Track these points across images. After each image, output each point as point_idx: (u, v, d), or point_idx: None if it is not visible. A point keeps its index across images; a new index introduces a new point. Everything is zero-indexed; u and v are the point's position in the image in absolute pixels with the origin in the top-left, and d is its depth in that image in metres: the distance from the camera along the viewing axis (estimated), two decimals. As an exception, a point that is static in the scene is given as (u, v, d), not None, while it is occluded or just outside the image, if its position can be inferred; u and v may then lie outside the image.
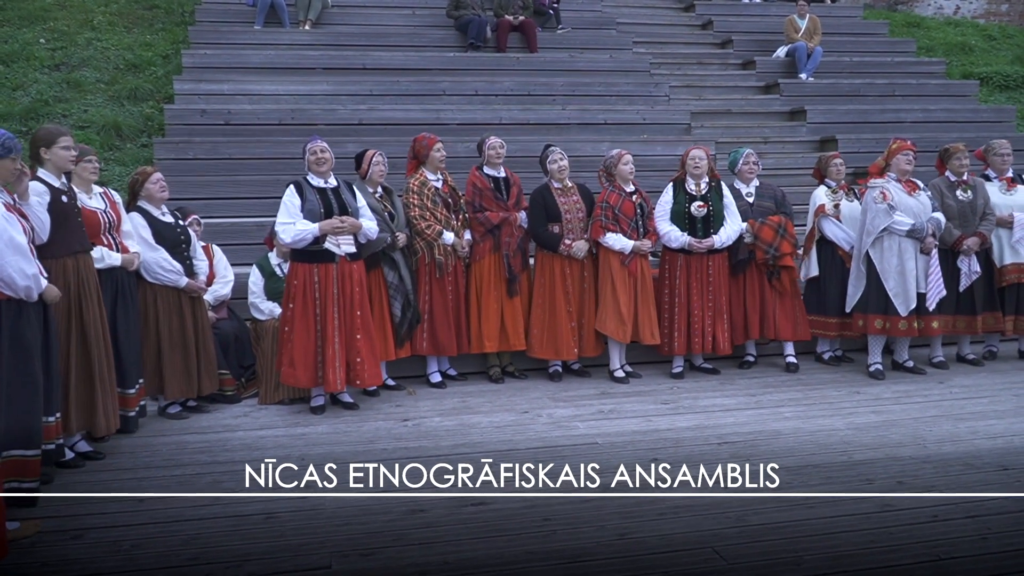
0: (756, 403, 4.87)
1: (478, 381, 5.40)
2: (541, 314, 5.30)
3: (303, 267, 4.49)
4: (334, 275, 4.49)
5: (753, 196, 5.46)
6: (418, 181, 5.17)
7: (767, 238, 5.33)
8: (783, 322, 5.39)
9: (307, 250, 4.48)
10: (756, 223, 5.37)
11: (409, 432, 4.37)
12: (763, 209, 5.44)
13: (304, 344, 4.47)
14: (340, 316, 4.50)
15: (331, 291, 4.47)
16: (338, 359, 4.49)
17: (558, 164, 5.23)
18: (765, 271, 5.40)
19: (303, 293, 4.47)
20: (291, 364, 4.49)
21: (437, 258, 5.10)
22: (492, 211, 5.23)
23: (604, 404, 4.82)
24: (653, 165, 7.74)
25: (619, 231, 5.14)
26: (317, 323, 4.47)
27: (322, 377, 4.51)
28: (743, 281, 5.47)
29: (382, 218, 4.95)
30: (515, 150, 6.69)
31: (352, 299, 4.53)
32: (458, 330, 5.23)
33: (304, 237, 4.42)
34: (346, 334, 4.52)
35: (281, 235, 4.49)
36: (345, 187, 4.69)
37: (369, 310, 4.69)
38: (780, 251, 5.31)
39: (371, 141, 7.25)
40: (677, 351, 5.37)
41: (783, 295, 5.40)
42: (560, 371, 5.47)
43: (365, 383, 4.63)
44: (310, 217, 4.46)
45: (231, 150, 7.39)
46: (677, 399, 4.95)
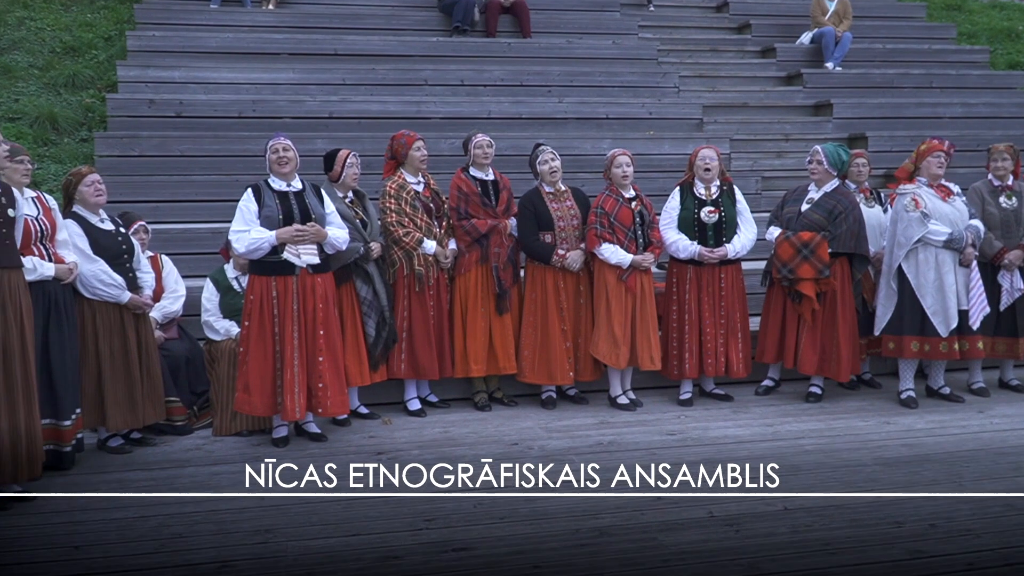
0: (773, 434, 4.91)
1: (462, 409, 5.43)
2: (532, 334, 5.35)
3: (260, 280, 4.52)
4: (294, 289, 4.51)
5: (811, 204, 5.36)
6: (396, 184, 5.21)
7: (783, 256, 5.31)
8: (807, 354, 5.35)
9: (264, 261, 4.51)
10: (781, 235, 5.38)
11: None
12: (807, 222, 5.34)
13: (261, 367, 4.50)
14: (300, 335, 4.52)
15: (290, 307, 4.50)
16: (297, 384, 4.51)
17: (549, 165, 5.28)
18: (787, 292, 5.40)
19: (260, 309, 4.50)
20: (246, 389, 4.51)
21: (417, 270, 5.14)
22: (479, 218, 5.27)
23: (603, 435, 4.86)
24: (660, 165, 7.83)
25: (615, 241, 5.19)
26: (275, 343, 4.50)
27: (280, 404, 4.52)
28: (771, 296, 5.53)
29: (353, 226, 5.00)
30: (505, 148, 6.77)
31: (314, 316, 4.55)
32: (440, 351, 5.26)
33: (260, 246, 4.45)
34: (307, 356, 4.54)
35: (235, 244, 4.53)
36: (311, 191, 4.72)
37: (337, 329, 4.73)
38: (796, 275, 5.26)
39: (343, 138, 7.33)
40: (688, 374, 5.43)
41: (814, 322, 5.35)
42: (554, 397, 5.51)
43: (328, 411, 4.65)
44: (267, 224, 4.49)
45: (183, 146, 7.43)
46: (685, 429, 4.98)
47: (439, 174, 5.85)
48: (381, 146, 5.55)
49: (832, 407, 5.45)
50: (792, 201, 5.50)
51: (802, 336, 5.37)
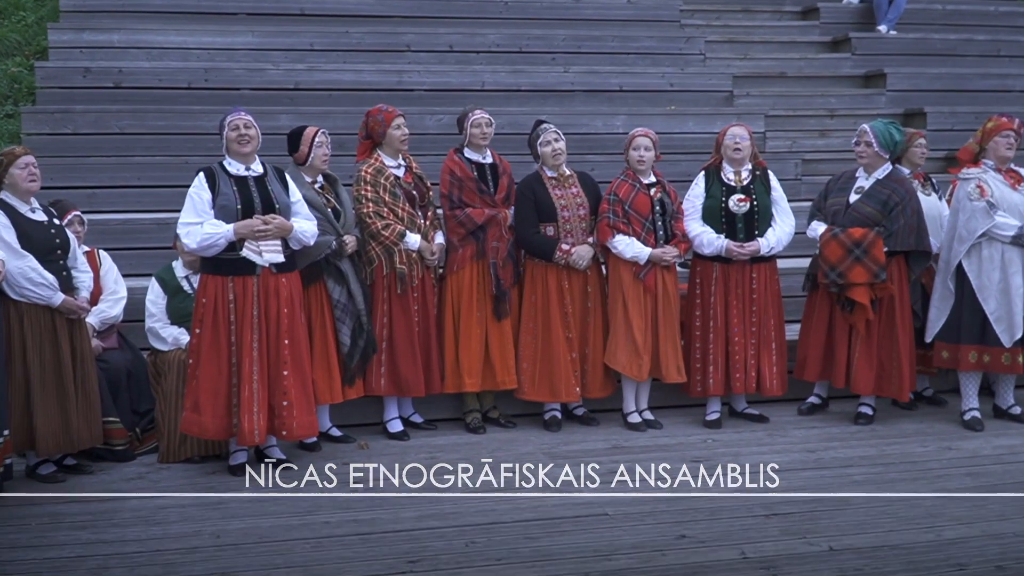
0: (816, 461, 4.89)
1: (452, 431, 5.43)
2: (532, 343, 5.35)
3: (214, 281, 4.52)
4: (254, 291, 4.51)
5: (861, 194, 5.32)
6: (372, 167, 5.20)
7: (831, 258, 5.26)
8: (863, 371, 5.32)
9: (219, 259, 4.49)
10: (828, 233, 5.36)
11: (359, 500, 4.38)
12: (858, 215, 5.31)
13: (213, 382, 4.48)
14: (261, 345, 4.51)
15: (249, 312, 4.50)
16: (257, 402, 4.50)
17: (552, 147, 5.29)
18: (835, 298, 5.37)
19: (214, 314, 4.49)
20: (196, 408, 4.50)
21: (398, 268, 5.14)
22: (475, 207, 5.27)
23: (616, 462, 4.84)
24: (683, 146, 7.81)
25: (631, 233, 5.20)
26: (231, 354, 4.50)
27: (236, 426, 4.52)
28: (812, 302, 5.53)
29: (324, 216, 4.98)
30: (501, 125, 6.71)
31: (278, 323, 4.55)
32: (426, 363, 5.26)
33: (214, 242, 4.46)
34: (269, 369, 4.54)
35: (184, 239, 4.53)
36: (274, 175, 4.72)
37: (304, 337, 4.72)
38: (847, 279, 5.22)
39: (311, 113, 7.31)
40: (713, 391, 5.42)
41: (868, 333, 5.32)
42: (559, 418, 5.51)
43: (294, 434, 4.64)
44: (223, 216, 4.48)
45: (124, 123, 7.40)
46: (712, 455, 4.97)
47: (423, 156, 5.84)
48: (355, 123, 5.54)
49: (885, 430, 5.45)
50: (837, 191, 5.49)
51: (855, 350, 5.34)
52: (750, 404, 5.68)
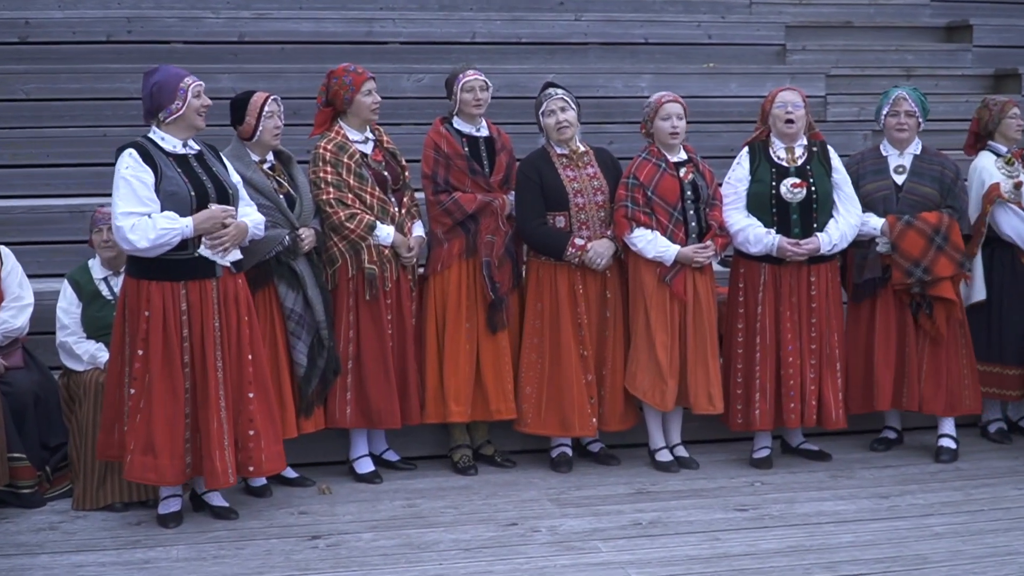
0: (889, 510, 4.91)
1: (436, 471, 5.43)
2: (537, 362, 5.35)
3: (161, 288, 4.52)
4: (214, 297, 4.56)
5: (906, 173, 5.48)
6: (333, 143, 5.20)
7: (912, 251, 5.33)
8: (932, 388, 5.40)
9: (169, 259, 4.50)
10: (898, 222, 5.40)
11: (321, 558, 4.37)
12: (917, 198, 5.41)
13: (169, 415, 4.51)
14: (226, 363, 4.57)
15: (210, 324, 4.54)
16: (227, 435, 4.56)
17: (557, 118, 5.28)
18: (908, 302, 5.43)
19: (164, 330, 4.50)
20: (148, 450, 4.50)
21: (367, 269, 5.14)
22: (465, 190, 5.28)
23: (642, 511, 4.83)
24: (723, 113, 7.81)
25: (654, 226, 5.18)
26: (187, 378, 4.54)
27: (191, 466, 4.58)
28: (870, 313, 5.53)
29: (275, 204, 4.98)
30: (498, 88, 6.65)
31: (238, 335, 4.61)
32: (403, 388, 5.26)
33: (170, 240, 4.46)
34: (234, 393, 4.59)
35: (131, 235, 4.46)
36: (210, 152, 4.75)
37: (264, 351, 4.79)
38: (933, 273, 5.30)
39: (259, 72, 7.33)
40: (759, 425, 5.42)
41: (937, 343, 5.42)
42: (570, 455, 5.50)
43: (262, 469, 4.71)
44: (173, 205, 4.49)
45: (29, 86, 7.41)
46: (760, 502, 4.98)
47: (398, 127, 5.82)
48: (314, 85, 5.53)
49: (972, 468, 5.48)
50: (871, 173, 5.57)
51: (923, 363, 5.43)
52: (807, 438, 5.69)
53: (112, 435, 4.66)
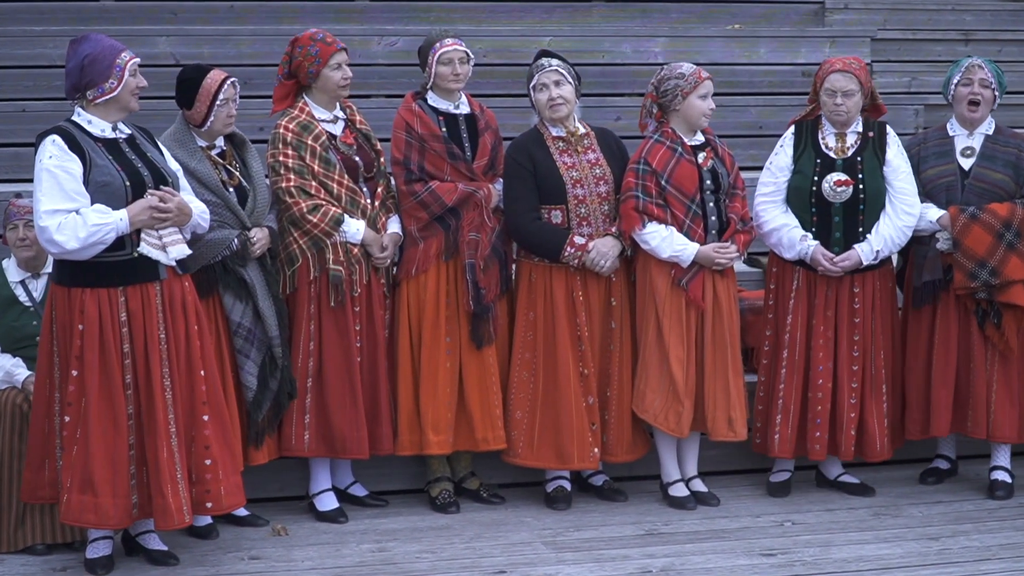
0: (940, 554, 4.74)
1: (410, 508, 5.30)
2: (529, 382, 5.24)
3: (96, 295, 4.33)
4: (158, 304, 4.39)
5: (974, 156, 5.31)
6: (296, 122, 5.05)
7: (976, 248, 5.15)
8: (1004, 410, 5.26)
9: (103, 261, 4.32)
10: (961, 215, 5.21)
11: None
12: (986, 186, 5.26)
13: (110, 445, 4.33)
14: (174, 381, 4.43)
15: (155, 334, 4.37)
16: (179, 465, 4.40)
17: (549, 93, 5.13)
18: (973, 309, 5.27)
19: (101, 344, 4.31)
20: (87, 487, 4.30)
21: (332, 270, 4.96)
22: (444, 179, 5.12)
23: (652, 556, 4.69)
24: (751, 85, 7.59)
25: (668, 221, 4.97)
26: (130, 402, 4.38)
27: (137, 505, 4.39)
28: (931, 322, 5.35)
29: (223, 200, 4.81)
30: (483, 55, 6.51)
31: (188, 347, 4.47)
32: (373, 411, 5.13)
33: (103, 237, 4.28)
34: (186, 416, 4.46)
35: (56, 236, 4.25)
36: (143, 136, 4.60)
37: (216, 366, 4.67)
38: (1001, 276, 5.14)
39: (203, 36, 7.11)
40: (779, 452, 5.28)
41: (1007, 358, 5.27)
42: (568, 490, 5.37)
43: (222, 505, 4.57)
44: (105, 198, 4.30)
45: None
46: (791, 545, 4.82)
47: (369, 101, 5.65)
48: (270, 51, 5.49)
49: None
50: (935, 156, 5.38)
51: (992, 383, 5.24)
52: (847, 468, 5.54)
53: (42, 473, 4.48)
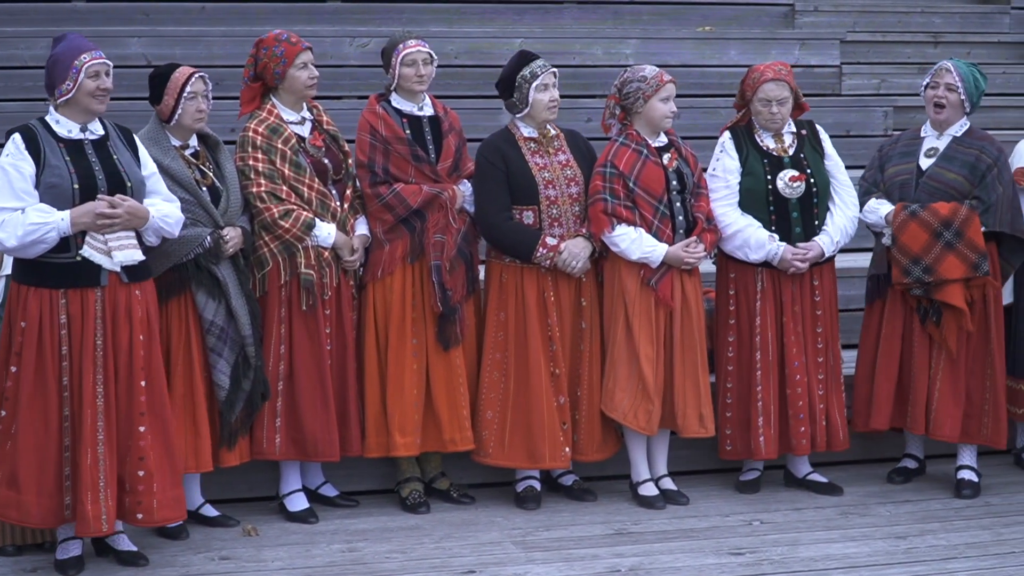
0: (907, 552, 4.76)
1: (380, 509, 5.30)
2: (500, 382, 5.26)
3: (38, 296, 4.36)
4: (96, 310, 4.37)
5: (936, 157, 5.32)
6: (265, 125, 5.05)
7: (912, 245, 5.17)
8: (946, 408, 5.26)
9: (46, 262, 4.34)
10: (903, 211, 5.22)
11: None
12: (938, 185, 5.26)
13: (39, 445, 4.36)
14: (108, 389, 4.39)
15: (91, 340, 4.36)
16: (104, 473, 4.37)
17: (551, 94, 5.15)
18: (915, 307, 5.31)
19: (38, 345, 4.34)
20: (13, 483, 4.36)
21: (303, 275, 4.97)
22: (408, 181, 5.11)
23: (621, 555, 4.69)
24: (721, 87, 7.57)
25: (637, 222, 5.03)
26: (64, 404, 4.38)
27: (71, 509, 4.39)
28: (880, 317, 5.40)
29: (196, 198, 4.81)
30: (449, 56, 6.55)
31: (130, 356, 4.44)
32: (343, 414, 5.14)
33: (42, 237, 4.28)
34: (119, 424, 4.43)
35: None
36: (119, 138, 4.59)
37: (164, 376, 4.63)
38: (935, 274, 5.14)
39: (175, 36, 7.09)
40: (765, 453, 5.30)
41: (953, 358, 5.28)
42: (538, 490, 5.38)
43: (154, 517, 4.54)
44: (52, 199, 4.31)
45: None
46: (759, 544, 4.83)
47: (339, 103, 5.68)
48: (239, 52, 5.41)
49: (1002, 504, 5.36)
50: (899, 155, 5.43)
51: (935, 380, 5.27)
52: (815, 467, 5.54)
53: None
